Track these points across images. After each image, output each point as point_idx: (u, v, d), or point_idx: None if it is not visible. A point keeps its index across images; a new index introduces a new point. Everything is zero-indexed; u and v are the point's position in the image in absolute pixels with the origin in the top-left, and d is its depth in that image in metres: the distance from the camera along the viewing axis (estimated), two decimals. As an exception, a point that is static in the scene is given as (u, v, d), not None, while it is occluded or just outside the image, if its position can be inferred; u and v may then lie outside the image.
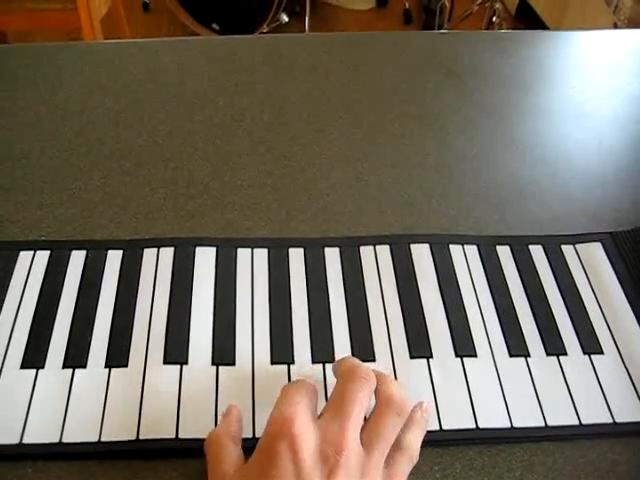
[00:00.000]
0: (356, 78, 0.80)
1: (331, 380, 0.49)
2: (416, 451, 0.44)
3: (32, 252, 0.57)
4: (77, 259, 0.57)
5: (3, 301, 0.54)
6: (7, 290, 0.54)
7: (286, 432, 0.41)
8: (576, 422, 0.48)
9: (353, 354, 0.51)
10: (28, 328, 0.52)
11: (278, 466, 0.40)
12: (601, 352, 0.53)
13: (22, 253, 0.57)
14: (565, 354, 0.52)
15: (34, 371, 0.49)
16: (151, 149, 0.69)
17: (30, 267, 0.56)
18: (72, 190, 0.64)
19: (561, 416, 0.49)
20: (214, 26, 2.54)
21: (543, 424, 0.48)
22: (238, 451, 0.44)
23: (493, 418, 0.48)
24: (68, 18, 1.81)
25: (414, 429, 0.45)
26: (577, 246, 0.61)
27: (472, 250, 0.59)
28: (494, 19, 2.39)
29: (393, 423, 0.43)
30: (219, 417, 0.47)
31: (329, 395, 0.46)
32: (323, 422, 0.42)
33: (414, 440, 0.45)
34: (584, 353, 0.53)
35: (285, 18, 2.51)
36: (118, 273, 0.56)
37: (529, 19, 2.67)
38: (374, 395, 0.45)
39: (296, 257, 0.58)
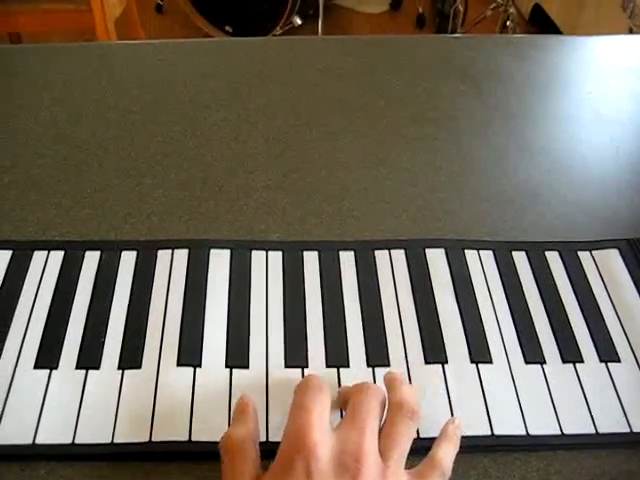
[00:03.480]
0: (371, 81, 0.80)
1: (345, 385, 0.49)
2: (448, 468, 0.43)
3: (46, 252, 0.57)
4: (91, 260, 0.57)
5: (17, 301, 0.54)
6: (21, 290, 0.54)
7: (302, 445, 0.40)
8: (593, 431, 0.48)
9: (368, 359, 0.51)
10: (42, 328, 0.52)
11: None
12: (618, 360, 0.52)
13: (36, 253, 0.57)
14: (581, 361, 0.52)
15: (47, 371, 0.49)
16: (165, 150, 0.69)
17: (44, 267, 0.56)
18: (87, 190, 0.64)
19: (577, 424, 0.48)
20: (227, 28, 2.54)
21: (559, 432, 0.47)
22: (258, 457, 0.44)
23: (509, 425, 0.48)
24: (82, 19, 1.81)
25: (446, 445, 0.44)
26: (594, 252, 0.60)
27: (488, 255, 0.59)
28: (508, 23, 2.39)
29: (406, 428, 0.43)
30: (232, 413, 0.47)
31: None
32: (340, 433, 0.42)
33: (446, 456, 0.44)
34: (601, 361, 0.52)
35: (298, 21, 2.51)
36: (132, 274, 0.56)
37: (542, 24, 2.66)
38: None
39: (311, 260, 0.58)
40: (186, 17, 2.58)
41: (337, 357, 0.51)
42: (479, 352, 0.52)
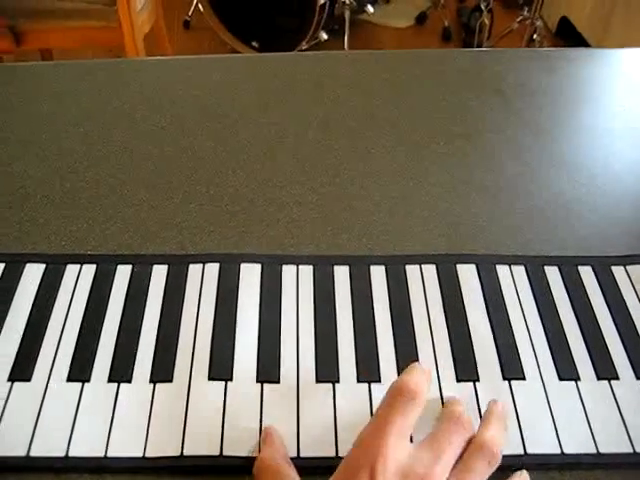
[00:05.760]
0: (400, 96, 0.80)
1: (376, 400, 0.49)
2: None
3: (79, 266, 0.58)
4: (123, 273, 0.57)
5: (50, 314, 0.54)
6: (54, 303, 0.55)
7: (373, 455, 0.40)
8: (630, 450, 0.47)
9: (398, 375, 0.50)
10: (74, 342, 0.52)
11: None
12: (654, 377, 0.51)
13: (69, 266, 0.58)
14: (617, 378, 0.51)
15: (80, 384, 0.50)
16: (196, 165, 0.69)
17: (77, 281, 0.57)
18: (118, 205, 0.64)
19: (614, 443, 0.47)
20: (254, 44, 2.56)
21: (595, 451, 0.47)
22: (295, 472, 0.44)
23: (542, 443, 0.47)
24: (112, 36, 1.84)
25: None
26: (628, 267, 0.59)
27: (520, 271, 0.58)
28: (534, 36, 2.38)
29: (482, 469, 0.43)
30: (260, 441, 0.47)
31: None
32: (415, 451, 0.42)
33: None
34: (637, 377, 0.51)
35: (324, 36, 2.52)
36: (163, 288, 0.56)
37: (569, 36, 2.65)
38: None
39: (341, 275, 0.57)
40: (213, 33, 2.61)
41: (368, 372, 0.51)
42: (511, 368, 0.51)
